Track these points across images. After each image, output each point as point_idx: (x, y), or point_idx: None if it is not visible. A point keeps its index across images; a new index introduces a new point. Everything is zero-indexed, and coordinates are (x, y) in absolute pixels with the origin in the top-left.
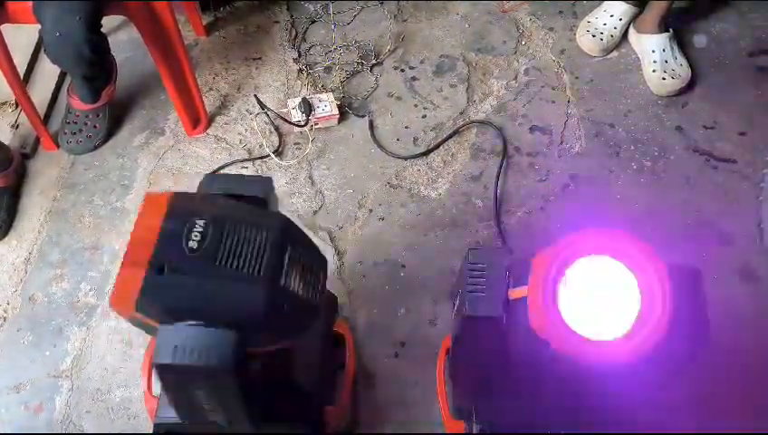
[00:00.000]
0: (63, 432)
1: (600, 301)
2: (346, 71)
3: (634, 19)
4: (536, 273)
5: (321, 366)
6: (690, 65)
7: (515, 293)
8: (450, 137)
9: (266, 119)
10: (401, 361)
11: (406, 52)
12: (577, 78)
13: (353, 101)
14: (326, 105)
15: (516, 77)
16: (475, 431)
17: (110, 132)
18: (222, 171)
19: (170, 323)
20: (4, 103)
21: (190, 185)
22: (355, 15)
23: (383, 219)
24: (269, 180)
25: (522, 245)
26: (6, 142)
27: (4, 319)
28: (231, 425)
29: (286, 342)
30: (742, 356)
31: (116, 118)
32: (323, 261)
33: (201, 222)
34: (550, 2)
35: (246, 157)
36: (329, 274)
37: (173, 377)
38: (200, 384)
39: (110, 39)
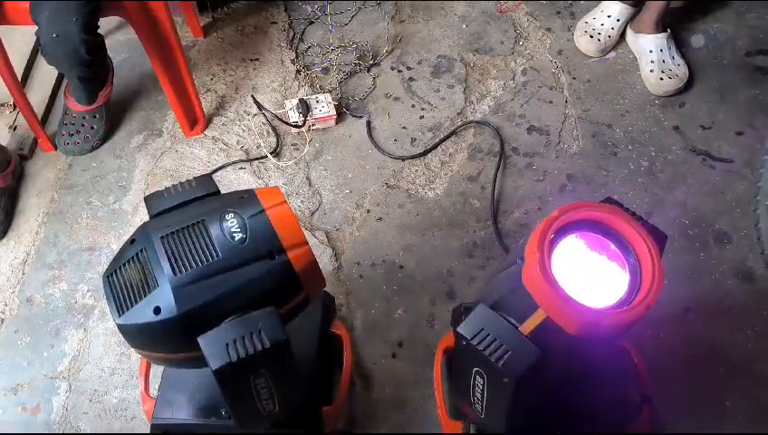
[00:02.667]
0: (62, 433)
1: (589, 271)
2: (344, 71)
3: (631, 19)
4: (531, 243)
5: (319, 366)
6: (687, 65)
7: (527, 327)
8: (448, 137)
9: (264, 120)
10: (399, 361)
11: (403, 52)
12: (574, 78)
13: (351, 101)
14: (324, 106)
15: (514, 77)
16: (472, 431)
17: (108, 134)
18: (220, 172)
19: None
20: (1, 105)
21: None
22: (353, 16)
23: (381, 220)
24: (207, 177)
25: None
26: (4, 144)
27: (2, 320)
28: (283, 408)
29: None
30: (740, 355)
31: (113, 119)
32: None
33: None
34: (547, 2)
35: (244, 158)
36: (327, 274)
37: (233, 377)
38: (261, 371)
39: (107, 40)
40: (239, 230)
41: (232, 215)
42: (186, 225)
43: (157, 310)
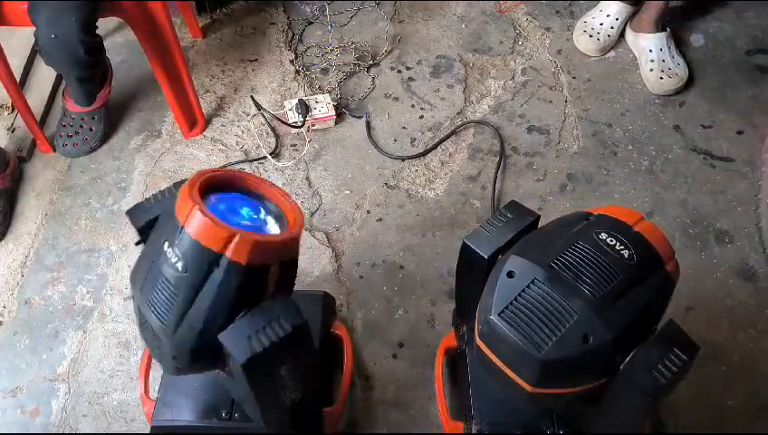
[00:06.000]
0: (62, 433)
1: None
2: (343, 72)
3: (630, 18)
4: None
5: (320, 367)
6: (687, 64)
7: None
8: (447, 137)
9: (263, 120)
10: (399, 362)
11: (403, 52)
12: (574, 78)
13: (350, 102)
14: (323, 106)
15: (513, 77)
16: (474, 431)
17: (107, 135)
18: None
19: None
20: (0, 107)
21: None
22: (352, 17)
23: (381, 220)
24: (178, 184)
25: None
26: (3, 145)
27: (1, 323)
28: (306, 394)
29: None
30: (741, 354)
31: (112, 120)
32: None
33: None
34: (546, 2)
35: (243, 159)
36: (326, 275)
37: (260, 368)
38: (285, 359)
39: (105, 41)
40: (177, 259)
41: (167, 244)
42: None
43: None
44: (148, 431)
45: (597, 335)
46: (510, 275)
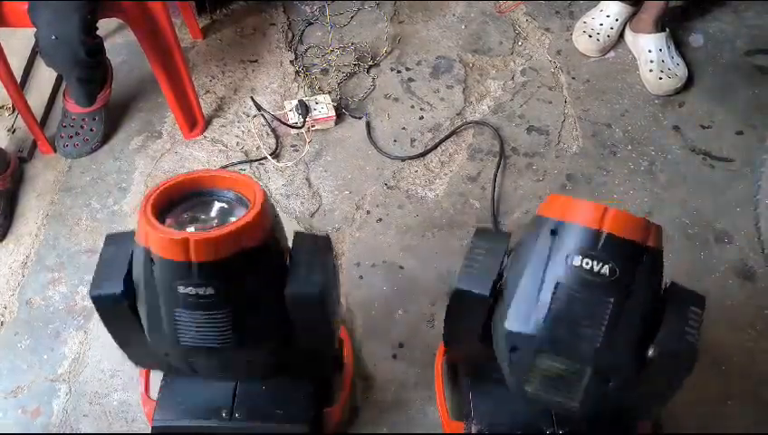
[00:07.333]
0: (63, 433)
1: None
2: (343, 72)
3: (630, 19)
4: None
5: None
6: (687, 65)
7: None
8: (447, 138)
9: (263, 121)
10: (400, 362)
11: (402, 53)
12: (574, 78)
13: (350, 102)
14: (323, 107)
15: (513, 78)
16: (473, 432)
17: (107, 136)
18: None
19: None
20: (0, 107)
21: None
22: (352, 17)
23: (381, 221)
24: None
25: None
26: (3, 146)
27: (2, 323)
28: None
29: None
30: (741, 354)
31: (113, 121)
32: None
33: None
34: (546, 2)
35: (243, 159)
36: None
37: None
38: None
39: (106, 42)
40: None
41: None
42: None
43: None
44: (148, 432)
45: (615, 372)
46: (513, 350)
